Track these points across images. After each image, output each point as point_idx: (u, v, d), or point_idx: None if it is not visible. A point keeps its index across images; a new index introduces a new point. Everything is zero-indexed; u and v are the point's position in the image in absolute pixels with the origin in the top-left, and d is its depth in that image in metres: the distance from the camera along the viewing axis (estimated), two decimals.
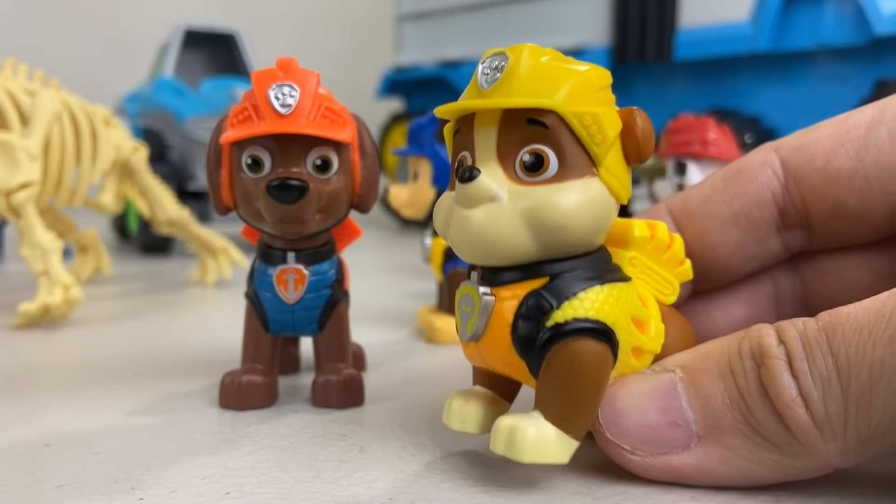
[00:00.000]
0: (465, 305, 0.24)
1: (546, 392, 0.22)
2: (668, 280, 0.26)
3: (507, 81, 0.22)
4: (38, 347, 0.43)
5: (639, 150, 0.22)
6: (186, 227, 0.68)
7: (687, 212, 0.30)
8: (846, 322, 0.21)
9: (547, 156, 0.22)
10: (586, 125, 0.22)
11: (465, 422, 0.25)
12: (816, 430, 0.20)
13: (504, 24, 1.18)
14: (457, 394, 0.26)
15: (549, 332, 0.22)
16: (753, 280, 0.31)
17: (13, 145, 0.50)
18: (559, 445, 0.22)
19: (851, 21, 0.87)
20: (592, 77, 0.22)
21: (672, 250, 0.26)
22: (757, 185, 0.29)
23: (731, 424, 0.21)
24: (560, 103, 0.21)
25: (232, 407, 0.31)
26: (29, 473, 0.24)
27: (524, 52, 0.22)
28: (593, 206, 0.22)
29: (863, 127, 0.27)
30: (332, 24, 1.84)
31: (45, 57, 1.12)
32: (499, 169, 0.22)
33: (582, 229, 0.22)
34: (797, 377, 0.20)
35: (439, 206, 0.24)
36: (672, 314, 0.26)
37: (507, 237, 0.22)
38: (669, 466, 0.22)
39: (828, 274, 0.30)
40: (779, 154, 0.29)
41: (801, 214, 0.28)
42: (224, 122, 0.30)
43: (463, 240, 0.23)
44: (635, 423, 0.23)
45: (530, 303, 0.22)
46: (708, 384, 0.22)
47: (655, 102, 1.06)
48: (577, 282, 0.22)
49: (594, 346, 0.22)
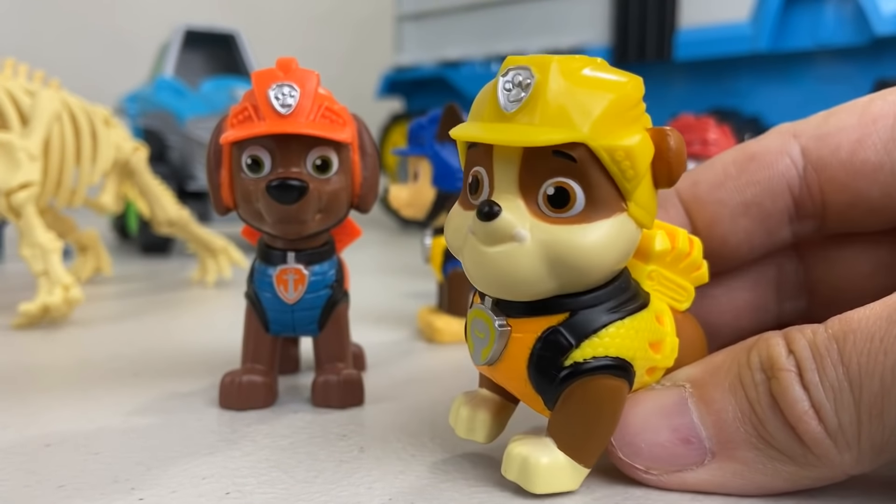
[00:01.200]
0: (479, 331, 0.23)
1: (561, 424, 0.22)
2: (683, 287, 0.25)
3: (531, 105, 0.20)
4: (38, 347, 0.43)
5: (670, 175, 0.21)
6: (186, 227, 0.68)
7: (697, 198, 0.29)
8: (857, 329, 0.20)
9: (574, 191, 0.20)
10: (618, 160, 0.20)
11: (474, 431, 0.25)
12: (830, 441, 0.20)
13: (504, 24, 1.18)
14: (464, 400, 0.25)
15: (567, 370, 0.21)
16: (759, 265, 0.30)
17: (13, 145, 0.50)
18: (570, 474, 0.22)
19: (851, 21, 0.87)
20: (628, 92, 0.20)
21: (691, 258, 0.25)
22: (772, 173, 0.27)
23: (743, 439, 0.21)
24: (590, 135, 0.20)
25: (232, 407, 0.31)
26: (29, 473, 0.24)
27: (552, 69, 0.20)
28: (619, 243, 0.21)
29: (891, 117, 0.26)
30: (332, 24, 1.84)
31: (45, 57, 1.12)
32: (520, 202, 0.21)
33: (606, 267, 0.21)
34: (808, 388, 0.20)
35: (452, 223, 0.23)
36: (683, 320, 0.26)
37: (527, 278, 0.20)
38: (685, 483, 0.22)
39: (832, 261, 0.29)
40: (799, 141, 0.27)
41: (817, 205, 0.27)
42: (224, 122, 0.30)
43: (478, 273, 0.21)
44: (648, 443, 0.22)
45: (549, 339, 0.21)
46: (718, 398, 0.22)
47: (655, 102, 1.05)
48: (597, 316, 0.21)
49: (613, 383, 0.22)
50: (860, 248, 0.29)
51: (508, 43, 1.16)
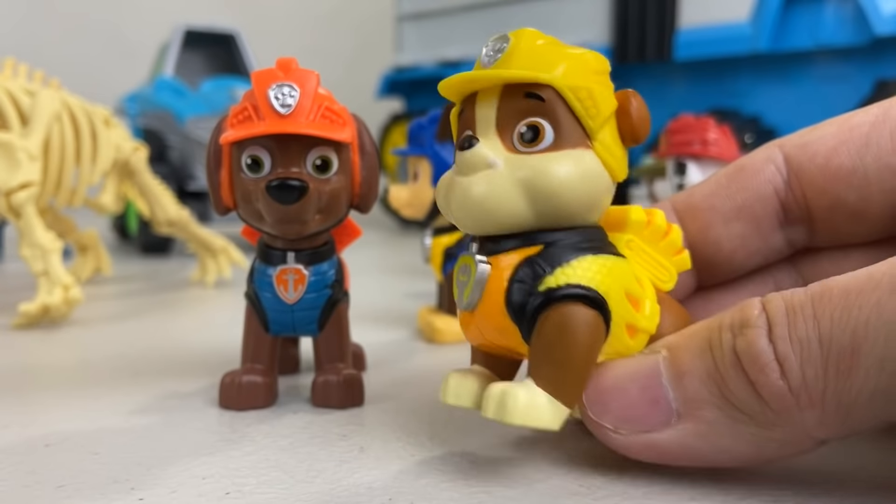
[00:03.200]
0: (462, 275, 0.25)
1: (537, 358, 0.23)
2: (665, 266, 0.26)
3: (507, 59, 0.23)
4: (38, 347, 0.43)
5: (633, 131, 0.23)
6: (186, 227, 0.68)
7: (691, 206, 0.30)
8: (834, 286, 0.20)
9: (543, 127, 0.23)
10: (581, 98, 0.22)
11: (460, 396, 0.25)
12: (791, 397, 0.20)
13: (504, 25, 1.18)
14: (454, 371, 0.26)
15: (541, 296, 0.22)
16: (756, 277, 0.31)
17: (13, 145, 0.50)
18: (550, 411, 0.22)
19: (851, 21, 0.87)
20: (590, 60, 0.23)
21: (669, 238, 0.26)
22: (759, 180, 0.29)
23: (706, 399, 0.21)
24: (557, 77, 0.22)
25: (232, 407, 0.31)
26: (29, 473, 0.24)
27: (525, 34, 0.23)
28: (587, 176, 0.23)
29: (866, 126, 0.27)
30: (331, 25, 1.84)
31: (45, 57, 1.12)
32: (497, 140, 0.23)
33: (576, 198, 0.22)
34: (775, 343, 0.20)
35: (441, 182, 0.25)
36: (670, 301, 0.26)
37: (504, 204, 0.22)
38: (651, 444, 0.22)
39: (827, 273, 0.29)
40: (782, 150, 0.29)
41: (802, 209, 0.29)
42: (224, 122, 0.30)
43: (462, 208, 0.23)
44: (617, 401, 0.23)
45: (524, 269, 0.23)
46: (687, 361, 0.22)
47: (655, 102, 1.06)
48: (571, 250, 0.23)
49: (585, 312, 0.22)
50: (855, 260, 0.29)
51: None
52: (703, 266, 0.29)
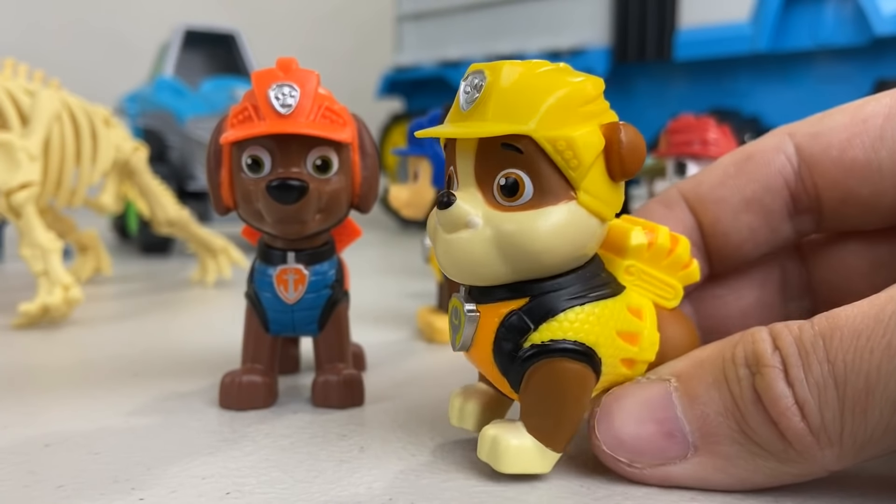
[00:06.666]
0: (454, 318, 0.24)
1: (527, 408, 0.23)
2: (670, 284, 0.26)
3: (483, 103, 0.22)
4: (38, 347, 0.43)
5: (623, 167, 0.22)
6: (186, 227, 0.68)
7: (699, 197, 0.29)
8: (844, 326, 0.20)
9: (522, 181, 0.22)
10: (560, 150, 0.21)
11: (464, 419, 0.26)
12: (812, 438, 0.20)
13: (504, 24, 1.18)
14: (460, 391, 0.27)
15: (526, 352, 0.22)
16: (763, 265, 0.31)
17: (13, 145, 0.50)
18: (539, 456, 0.23)
19: (851, 21, 0.87)
20: (582, 88, 0.22)
21: (675, 254, 0.25)
22: (770, 171, 0.28)
23: (726, 434, 0.21)
24: (533, 129, 0.21)
25: (232, 407, 0.31)
26: (29, 473, 0.24)
27: (503, 71, 0.22)
28: (569, 231, 0.22)
29: (880, 117, 0.27)
30: (332, 25, 1.84)
31: (45, 57, 1.12)
32: (477, 193, 0.22)
33: (558, 254, 0.22)
34: (793, 385, 0.20)
35: (430, 221, 0.24)
36: (674, 317, 0.26)
37: (484, 265, 0.22)
38: (667, 477, 0.22)
39: (831, 261, 0.30)
40: (793, 140, 0.28)
41: (812, 200, 0.28)
42: (224, 122, 0.30)
43: (444, 261, 0.23)
44: (631, 436, 0.23)
45: (509, 323, 0.23)
46: (702, 393, 0.22)
47: (655, 102, 1.06)
48: (557, 302, 0.22)
49: (573, 367, 0.22)
50: (857, 247, 0.29)
51: (508, 43, 1.16)
52: (713, 256, 0.29)
